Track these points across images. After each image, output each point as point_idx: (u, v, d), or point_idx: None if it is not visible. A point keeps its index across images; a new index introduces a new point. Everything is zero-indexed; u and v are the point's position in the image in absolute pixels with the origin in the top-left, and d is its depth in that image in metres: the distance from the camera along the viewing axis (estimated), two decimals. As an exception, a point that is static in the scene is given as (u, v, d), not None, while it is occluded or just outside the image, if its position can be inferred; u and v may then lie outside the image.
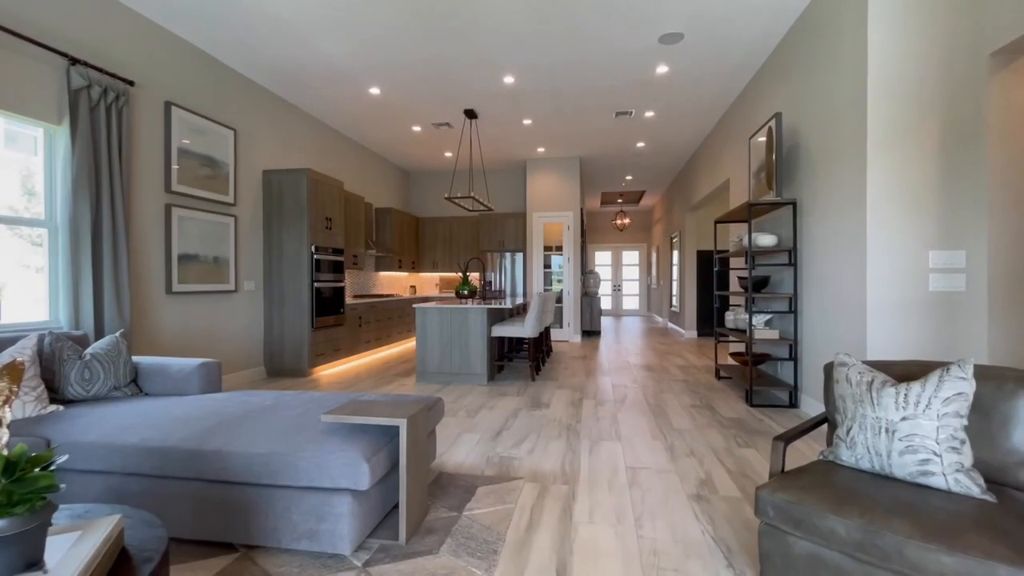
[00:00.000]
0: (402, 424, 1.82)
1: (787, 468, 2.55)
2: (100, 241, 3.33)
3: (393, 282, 8.35)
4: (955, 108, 2.77)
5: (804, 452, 2.81)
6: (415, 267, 8.67)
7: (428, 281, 9.24)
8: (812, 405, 3.57)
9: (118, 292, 3.40)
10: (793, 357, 3.81)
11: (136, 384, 2.65)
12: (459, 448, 2.91)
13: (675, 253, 9.84)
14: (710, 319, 8.69)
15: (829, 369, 1.85)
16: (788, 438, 1.65)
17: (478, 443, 3.00)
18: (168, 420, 2.05)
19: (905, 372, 1.68)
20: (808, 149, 3.67)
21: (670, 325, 10.43)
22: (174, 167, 3.99)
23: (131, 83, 3.54)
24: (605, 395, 4.26)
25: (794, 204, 3.78)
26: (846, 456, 1.57)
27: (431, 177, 9.17)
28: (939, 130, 2.79)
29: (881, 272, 2.85)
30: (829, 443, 1.82)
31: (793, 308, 3.81)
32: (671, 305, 10.28)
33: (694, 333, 8.66)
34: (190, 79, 4.21)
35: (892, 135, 2.84)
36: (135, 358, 2.73)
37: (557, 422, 3.44)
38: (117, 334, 2.64)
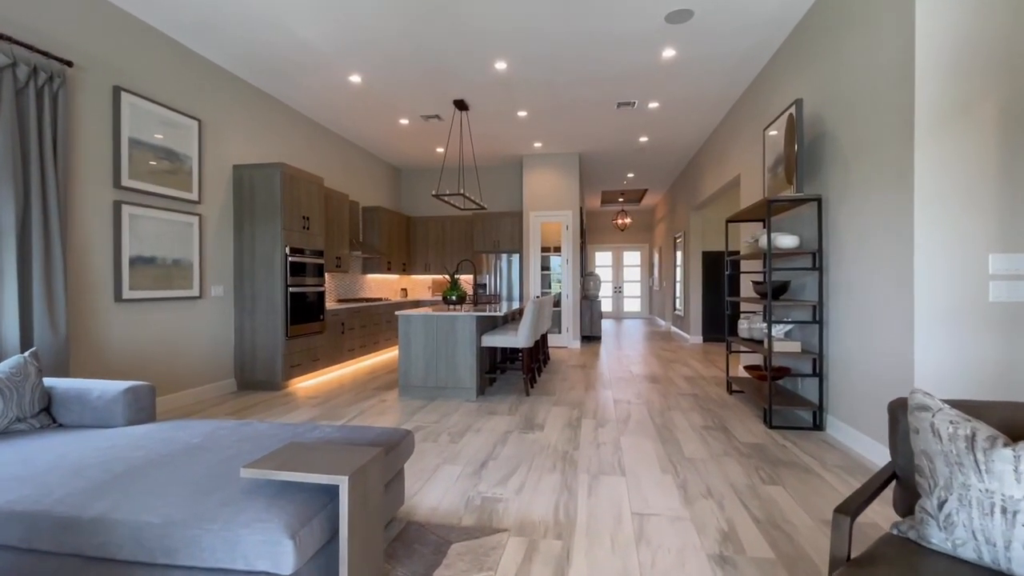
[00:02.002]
0: (343, 483, 1.39)
1: (811, 510, 2.13)
2: (28, 243, 2.91)
3: (382, 285, 7.93)
4: (1023, 83, 2.35)
5: (834, 488, 2.38)
6: (406, 269, 8.25)
7: (420, 284, 8.82)
8: (840, 428, 3.15)
9: (51, 302, 2.98)
10: (818, 373, 3.39)
11: (49, 413, 2.23)
12: (436, 485, 2.49)
13: (678, 254, 9.41)
14: (717, 324, 8.27)
15: (897, 410, 1.42)
16: (853, 510, 1.23)
17: (459, 478, 2.58)
18: (57, 469, 1.63)
19: (1011, 421, 1.25)
20: (835, 138, 3.24)
21: (673, 329, 10.01)
22: (125, 160, 3.58)
23: (69, 64, 3.11)
24: (606, 413, 3.83)
25: (819, 200, 3.36)
26: (938, 539, 1.15)
27: (423, 174, 8.75)
28: (1002, 110, 2.36)
29: (931, 279, 2.43)
30: (900, 507, 1.40)
31: (818, 318, 3.39)
32: (675, 308, 9.85)
33: (699, 338, 8.24)
34: (145, 63, 3.79)
35: (945, 118, 2.41)
36: (49, 381, 2.31)
37: (552, 449, 3.01)
38: (26, 354, 2.22)
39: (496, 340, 4.39)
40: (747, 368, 4.02)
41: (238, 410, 3.96)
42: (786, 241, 3.47)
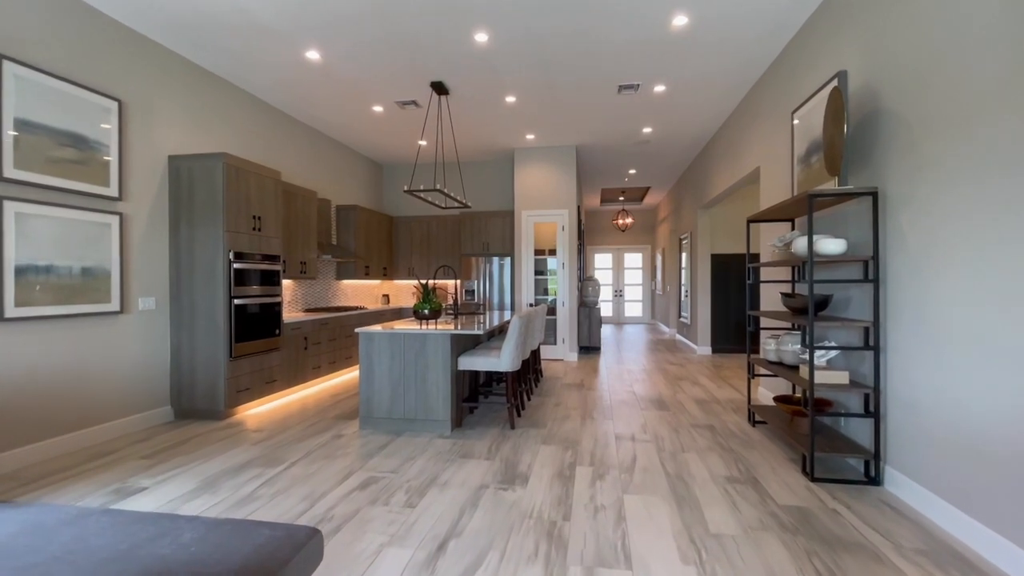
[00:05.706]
0: None
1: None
2: None
3: (361, 292, 7.23)
4: None
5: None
6: (387, 274, 7.55)
7: (404, 289, 8.12)
8: (904, 485, 2.46)
9: None
10: (873, 412, 2.70)
11: None
12: (370, 586, 1.80)
13: (684, 256, 8.72)
14: (728, 334, 7.57)
15: None
16: None
17: (405, 571, 1.88)
18: None
19: None
20: (898, 116, 2.55)
21: (678, 337, 9.31)
22: (8, 145, 2.88)
23: (-84, 19, 2.43)
24: (607, 456, 3.14)
25: (874, 195, 2.67)
26: None
27: (406, 171, 8.06)
28: None
29: (1062, 302, 1.74)
30: None
31: (873, 342, 2.70)
32: (680, 315, 9.16)
33: (708, 349, 7.54)
34: (41, 28, 3.10)
35: (1083, 75, 1.72)
36: None
37: (535, 518, 2.32)
38: None
39: (475, 363, 3.70)
40: (777, 400, 3.32)
41: (159, 450, 3.27)
42: (831, 246, 2.78)
